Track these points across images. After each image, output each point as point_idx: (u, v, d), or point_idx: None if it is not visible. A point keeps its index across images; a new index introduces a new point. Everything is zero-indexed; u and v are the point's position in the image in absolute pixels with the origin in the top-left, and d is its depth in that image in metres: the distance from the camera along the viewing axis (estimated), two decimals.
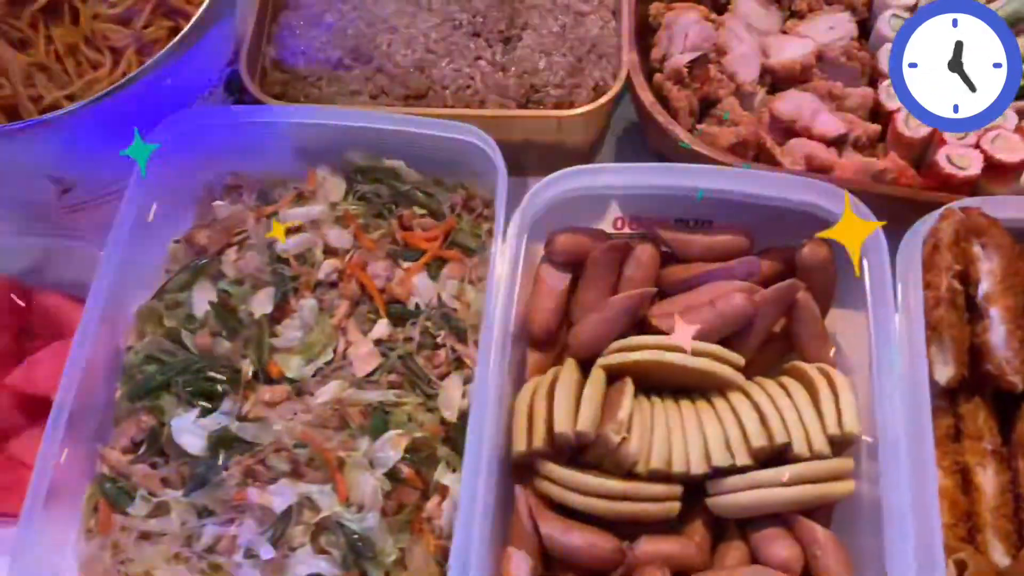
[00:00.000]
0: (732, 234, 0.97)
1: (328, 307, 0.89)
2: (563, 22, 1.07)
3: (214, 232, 0.95)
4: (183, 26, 1.02)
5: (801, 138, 1.02)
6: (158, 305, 0.91)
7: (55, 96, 0.95)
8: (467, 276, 0.92)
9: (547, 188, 0.92)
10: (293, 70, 1.05)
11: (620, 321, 0.92)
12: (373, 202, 0.97)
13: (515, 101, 1.03)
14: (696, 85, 1.03)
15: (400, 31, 1.05)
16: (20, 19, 0.98)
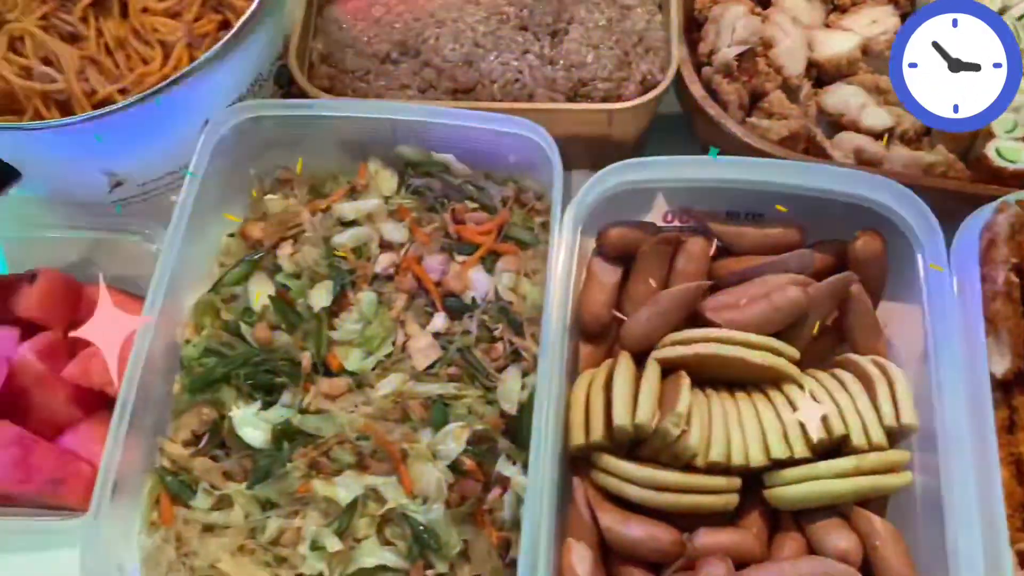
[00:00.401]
0: (784, 227, 0.97)
1: (386, 300, 0.89)
2: (609, 15, 1.07)
3: (269, 226, 0.95)
4: (231, 19, 1.03)
5: (849, 132, 1.02)
6: (215, 298, 0.92)
7: (108, 90, 0.95)
8: (522, 269, 0.92)
9: (602, 181, 0.92)
10: (341, 64, 1.05)
11: (674, 314, 0.93)
12: (425, 196, 0.97)
13: (563, 95, 1.03)
14: (745, 78, 1.03)
15: (447, 25, 1.05)
16: (71, 13, 0.98)
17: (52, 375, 0.94)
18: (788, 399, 0.89)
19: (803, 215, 0.97)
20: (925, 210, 0.90)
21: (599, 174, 0.92)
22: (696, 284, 0.93)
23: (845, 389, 0.89)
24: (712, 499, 0.85)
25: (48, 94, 0.95)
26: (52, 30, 0.98)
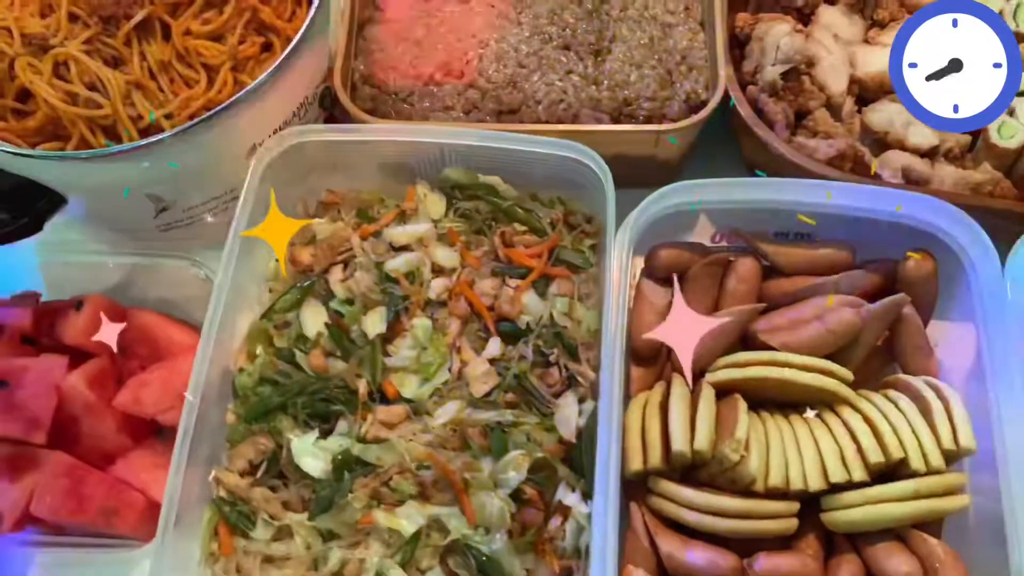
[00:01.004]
0: (834, 248, 0.97)
1: (440, 326, 0.89)
2: (651, 34, 1.07)
3: (318, 251, 0.94)
4: (274, 41, 1.02)
5: (896, 150, 1.02)
6: (267, 325, 0.91)
7: (154, 115, 0.94)
8: (575, 293, 0.92)
9: (655, 203, 0.92)
10: (384, 85, 1.05)
11: (726, 337, 0.93)
12: (473, 219, 0.97)
13: (608, 114, 1.03)
14: (790, 97, 1.03)
15: (491, 46, 1.05)
16: (114, 37, 0.97)
17: (102, 403, 0.93)
18: (843, 421, 0.89)
19: (852, 234, 0.97)
20: (979, 231, 0.90)
21: (652, 196, 0.92)
22: (750, 307, 0.93)
23: (900, 411, 0.89)
24: (772, 524, 0.85)
25: (94, 119, 0.94)
26: (95, 54, 0.97)
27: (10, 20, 0.99)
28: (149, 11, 0.98)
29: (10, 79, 0.98)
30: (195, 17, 1.00)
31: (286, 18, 1.04)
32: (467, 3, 1.08)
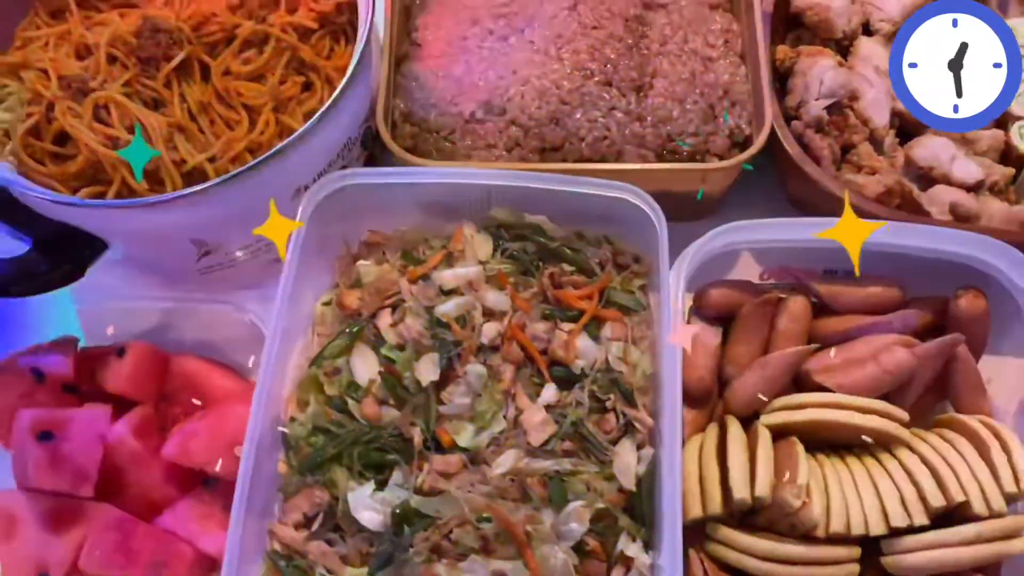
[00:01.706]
0: (884, 285, 0.96)
1: (494, 372, 0.88)
2: (692, 68, 1.06)
3: (366, 294, 0.93)
4: (314, 80, 1.01)
5: (942, 185, 1.01)
6: (318, 372, 0.90)
7: (197, 159, 0.93)
8: (629, 336, 0.91)
9: (707, 244, 0.91)
10: (425, 123, 1.04)
11: (780, 378, 0.92)
12: (521, 259, 0.96)
13: (652, 151, 1.02)
14: (836, 132, 1.02)
15: (532, 82, 1.03)
16: (154, 79, 0.96)
17: (147, 453, 0.92)
18: (901, 463, 0.88)
19: (901, 270, 0.97)
20: None
21: (706, 237, 0.91)
22: (805, 348, 0.92)
23: (958, 452, 0.89)
24: (834, 570, 0.84)
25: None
26: (135, 96, 0.95)
27: (46, 61, 0.98)
28: (189, 51, 0.96)
29: (47, 122, 0.96)
30: (235, 57, 0.99)
31: (324, 56, 1.03)
32: (506, 40, 1.07)
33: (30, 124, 0.95)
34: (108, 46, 0.96)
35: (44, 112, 0.96)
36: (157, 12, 0.98)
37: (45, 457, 0.88)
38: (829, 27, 1.09)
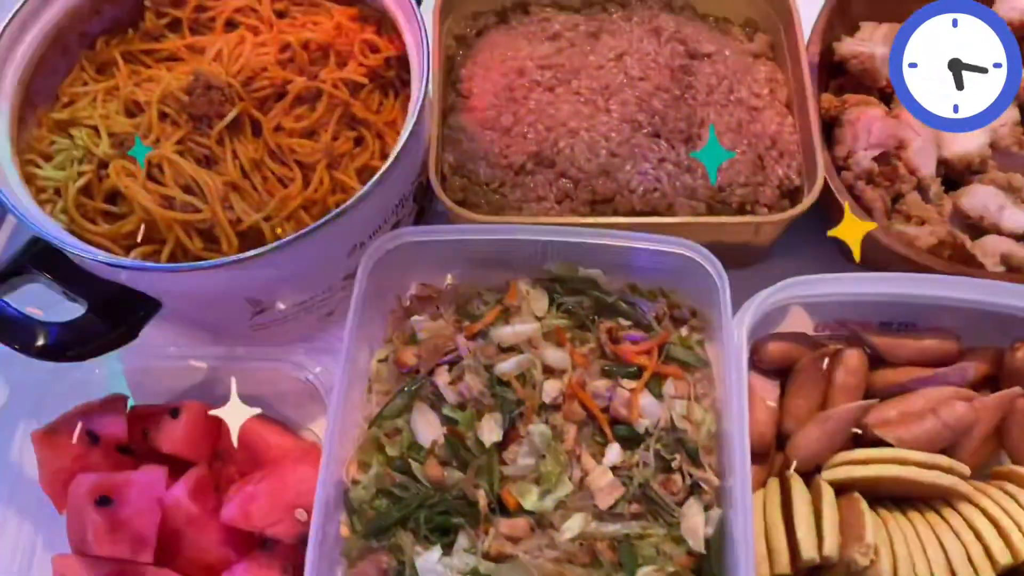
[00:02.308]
0: (940, 338, 0.97)
1: (557, 433, 0.87)
2: (739, 118, 1.06)
3: (423, 351, 0.92)
4: (366, 135, 1.01)
5: (993, 235, 1.02)
6: (379, 433, 0.89)
7: (253, 218, 0.92)
8: (691, 393, 0.90)
9: (768, 299, 0.92)
10: (474, 175, 1.04)
11: (841, 433, 0.92)
12: (577, 314, 0.96)
13: (704, 203, 1.02)
14: (886, 183, 1.02)
15: (581, 134, 1.04)
16: (206, 136, 0.95)
17: (204, 515, 0.91)
18: (965, 519, 0.88)
19: (956, 320, 0.97)
20: None
21: (768, 292, 0.92)
22: (866, 403, 0.92)
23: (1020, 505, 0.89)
24: None
25: (191, 223, 0.92)
26: (188, 154, 0.95)
27: (96, 118, 0.97)
28: (241, 108, 0.96)
29: (98, 179, 0.95)
30: (286, 113, 0.98)
31: (374, 110, 1.02)
32: (553, 91, 1.07)
33: (83, 183, 0.94)
34: (159, 103, 0.96)
35: (96, 170, 0.95)
36: (208, 68, 0.97)
37: (104, 523, 0.87)
38: (874, 76, 1.09)
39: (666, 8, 1.15)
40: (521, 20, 1.15)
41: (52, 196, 0.96)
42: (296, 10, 1.07)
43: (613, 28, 1.13)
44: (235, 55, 1.01)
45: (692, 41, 1.10)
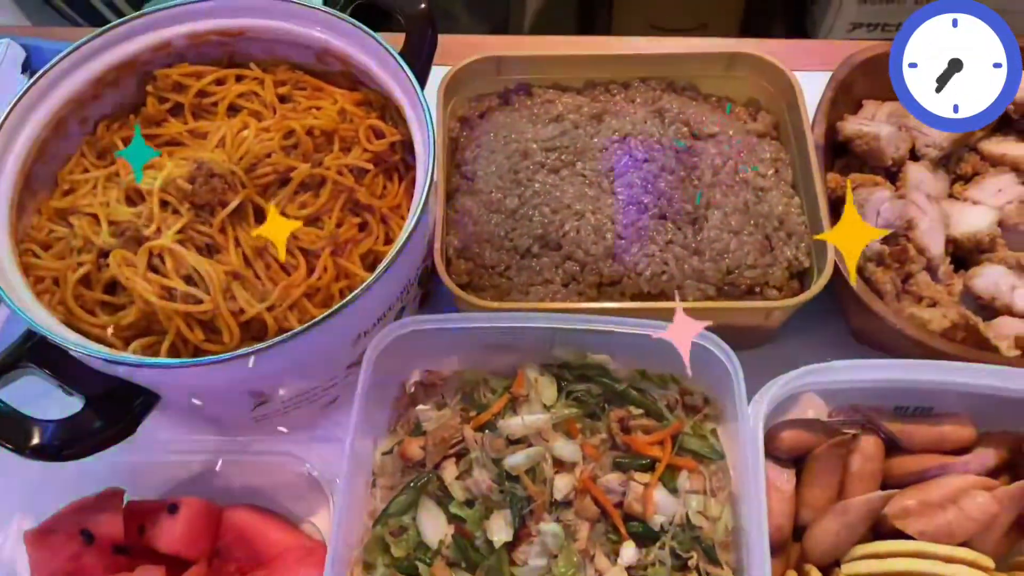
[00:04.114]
0: (956, 423, 0.95)
1: (569, 529, 0.85)
2: (745, 198, 1.05)
3: (429, 443, 0.90)
4: (370, 221, 1.00)
5: (1005, 317, 1.01)
6: (384, 532, 0.86)
7: (256, 309, 0.90)
8: (707, 487, 0.88)
9: (783, 387, 0.90)
10: (479, 258, 1.02)
11: (860, 524, 0.89)
12: (586, 403, 0.93)
13: (713, 285, 1.01)
14: (896, 264, 1.01)
15: (587, 216, 1.03)
16: (208, 224, 0.94)
17: None
18: None
19: (972, 405, 0.95)
20: None
21: (782, 380, 0.90)
22: (886, 493, 0.90)
23: None
24: None
25: (192, 314, 0.90)
26: (189, 243, 0.93)
27: (96, 206, 0.96)
28: (245, 195, 0.95)
29: (97, 269, 0.94)
30: (290, 200, 0.97)
31: (378, 195, 1.01)
32: (558, 173, 1.07)
33: (82, 273, 0.92)
34: (161, 192, 0.94)
35: (96, 260, 0.93)
36: (210, 156, 0.97)
37: None
38: (879, 156, 1.09)
39: (669, 89, 1.15)
40: (524, 102, 1.15)
41: (50, 286, 0.94)
42: (299, 95, 1.07)
43: (616, 109, 1.13)
44: (238, 141, 1.00)
45: (696, 122, 1.10)
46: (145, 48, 1.05)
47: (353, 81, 1.08)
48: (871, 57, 1.13)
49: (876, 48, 1.14)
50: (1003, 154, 1.14)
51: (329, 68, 1.09)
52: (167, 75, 1.06)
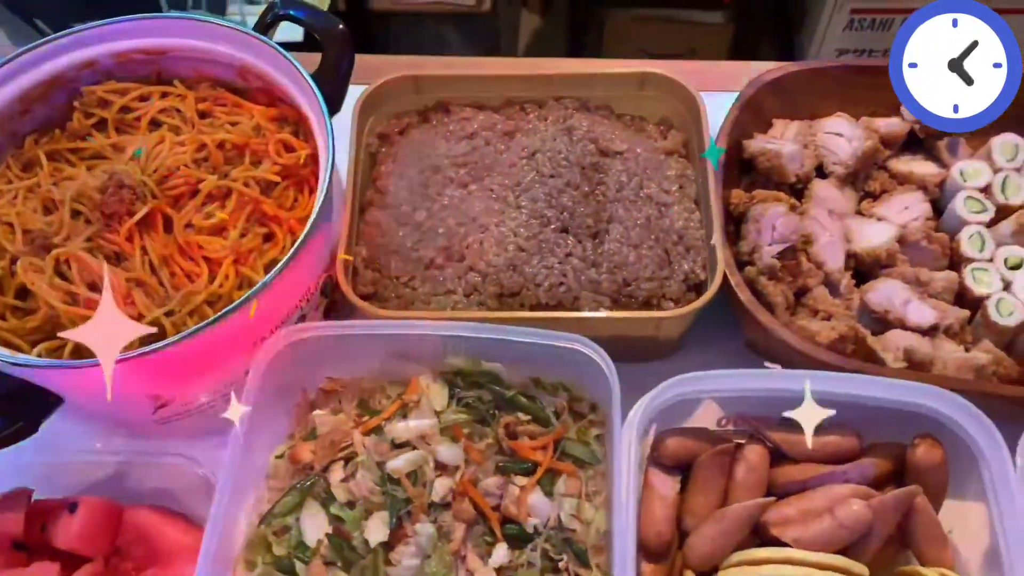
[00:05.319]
0: (841, 434, 0.96)
1: (444, 532, 0.87)
2: (647, 213, 1.08)
3: (319, 447, 0.93)
4: (276, 231, 1.03)
5: (897, 330, 1.02)
6: (267, 531, 0.89)
7: (155, 314, 0.94)
8: (583, 491, 0.90)
9: (660, 395, 0.92)
10: (386, 269, 1.05)
11: (738, 531, 0.91)
12: (476, 408, 0.96)
13: (608, 296, 1.03)
14: (789, 278, 1.03)
15: (491, 230, 1.06)
16: (116, 233, 0.97)
17: None
18: None
19: (858, 417, 0.96)
20: (985, 422, 0.89)
21: (658, 389, 0.92)
22: (763, 501, 0.91)
23: None
24: None
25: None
26: (98, 251, 0.97)
27: (12, 216, 1.00)
28: (152, 206, 0.99)
29: (11, 275, 0.98)
30: (197, 211, 1.01)
31: (288, 207, 1.05)
32: (466, 188, 1.10)
33: None
34: (73, 201, 0.98)
35: (8, 266, 0.97)
36: (123, 167, 1.01)
37: None
38: (782, 172, 1.11)
39: (582, 108, 1.18)
40: (441, 119, 1.19)
41: None
42: (219, 110, 1.11)
43: (528, 127, 1.16)
44: (154, 154, 1.04)
45: (604, 139, 1.13)
46: (72, 65, 1.10)
47: (272, 97, 1.12)
48: (779, 77, 1.16)
49: (785, 69, 1.17)
50: (910, 172, 1.16)
51: (250, 85, 1.13)
52: (92, 91, 1.10)
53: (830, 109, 1.19)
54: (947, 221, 1.14)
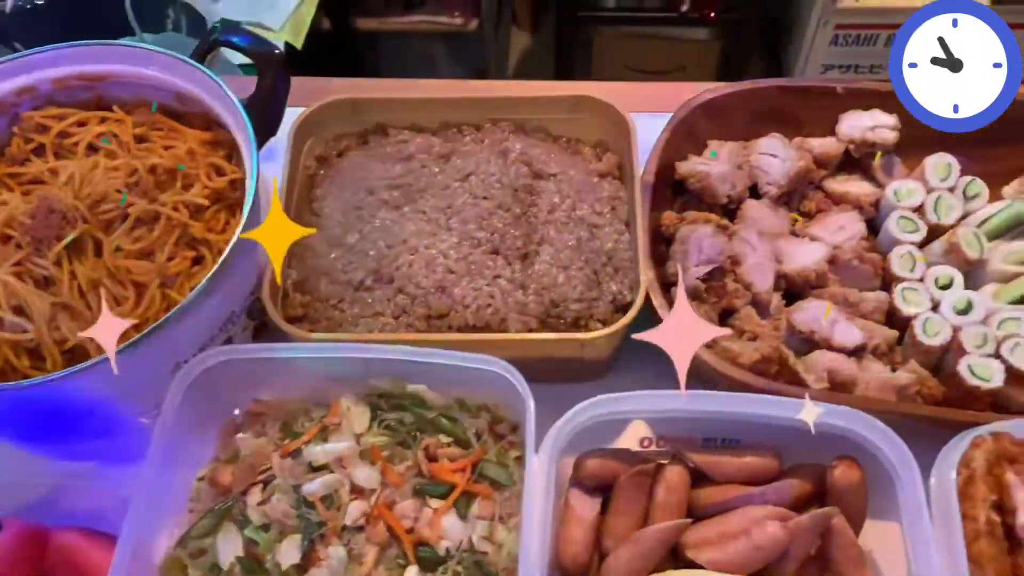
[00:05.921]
0: (760, 455, 0.96)
1: (356, 555, 0.87)
2: (578, 235, 1.09)
3: (239, 470, 0.93)
4: (205, 254, 1.04)
5: (822, 350, 1.02)
6: (182, 554, 0.89)
7: (77, 338, 0.95)
8: (497, 513, 0.90)
9: (578, 416, 0.92)
10: (315, 291, 1.06)
11: (655, 553, 0.91)
12: (398, 431, 0.96)
13: (535, 318, 1.04)
14: (714, 299, 1.04)
15: (420, 252, 1.06)
16: (45, 257, 0.99)
17: None
18: None
19: (779, 438, 0.96)
20: (901, 448, 0.89)
21: (576, 409, 0.92)
22: (679, 523, 0.91)
23: None
24: None
25: (19, 343, 0.95)
26: (27, 275, 0.98)
27: None
28: (82, 231, 1.00)
29: None
30: (127, 235, 1.02)
31: (219, 230, 1.06)
32: (399, 209, 1.11)
33: None
34: (3, 227, 1.00)
35: None
36: (54, 192, 1.02)
37: None
38: (713, 193, 1.12)
39: (518, 131, 1.19)
40: (379, 142, 1.20)
41: None
42: (156, 135, 1.13)
43: (464, 150, 1.17)
44: (87, 180, 1.05)
45: (538, 162, 1.14)
46: (10, 91, 1.11)
47: (208, 121, 1.14)
48: (711, 99, 1.17)
49: (718, 90, 1.18)
50: (846, 192, 1.17)
51: (189, 109, 1.14)
52: (31, 117, 1.12)
53: (767, 130, 1.20)
54: (882, 241, 1.14)
